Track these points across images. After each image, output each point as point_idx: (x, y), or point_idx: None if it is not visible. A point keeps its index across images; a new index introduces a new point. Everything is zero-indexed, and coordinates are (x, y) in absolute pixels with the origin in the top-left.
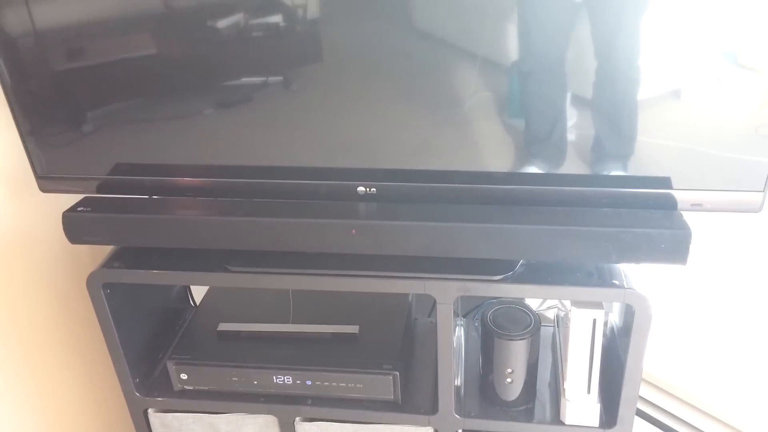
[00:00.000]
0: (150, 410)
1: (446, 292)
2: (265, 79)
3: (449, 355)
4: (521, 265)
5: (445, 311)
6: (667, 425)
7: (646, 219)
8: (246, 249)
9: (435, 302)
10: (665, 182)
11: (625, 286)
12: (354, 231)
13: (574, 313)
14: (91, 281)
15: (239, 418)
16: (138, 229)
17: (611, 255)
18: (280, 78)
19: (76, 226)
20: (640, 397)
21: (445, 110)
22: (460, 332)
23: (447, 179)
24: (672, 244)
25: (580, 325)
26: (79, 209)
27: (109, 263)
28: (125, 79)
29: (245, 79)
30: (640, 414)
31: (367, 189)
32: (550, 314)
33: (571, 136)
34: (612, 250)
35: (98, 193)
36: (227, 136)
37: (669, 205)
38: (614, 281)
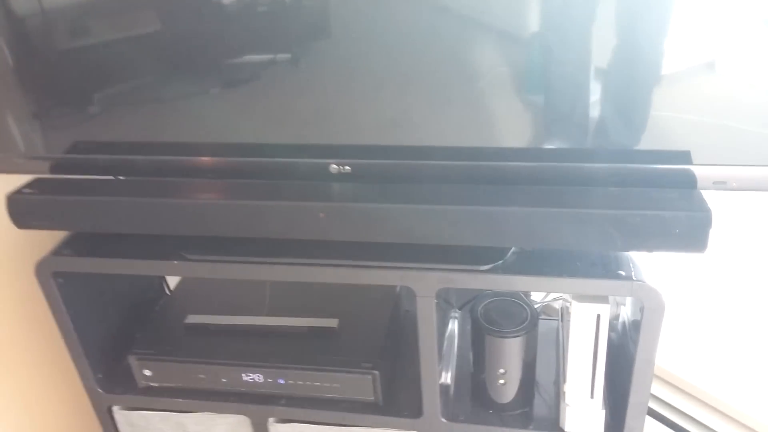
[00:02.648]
0: (115, 408)
1: (426, 283)
2: (227, 49)
3: (432, 353)
4: (513, 253)
5: (426, 305)
6: (678, 425)
7: (658, 200)
8: (205, 235)
9: (414, 295)
10: (683, 157)
11: (633, 278)
12: (322, 214)
13: (575, 308)
14: (41, 270)
15: (209, 418)
16: (86, 213)
17: (616, 242)
18: (243, 48)
19: (21, 210)
20: (651, 395)
21: (427, 79)
22: (453, 326)
23: (430, 156)
24: (689, 229)
25: (582, 321)
26: (24, 191)
27: (59, 251)
28: (79, 50)
29: (207, 53)
30: (650, 413)
31: (341, 167)
32: (557, 306)
33: (574, 107)
34: (617, 236)
35: (51, 173)
36: (186, 112)
37: (687, 183)
38: (620, 272)
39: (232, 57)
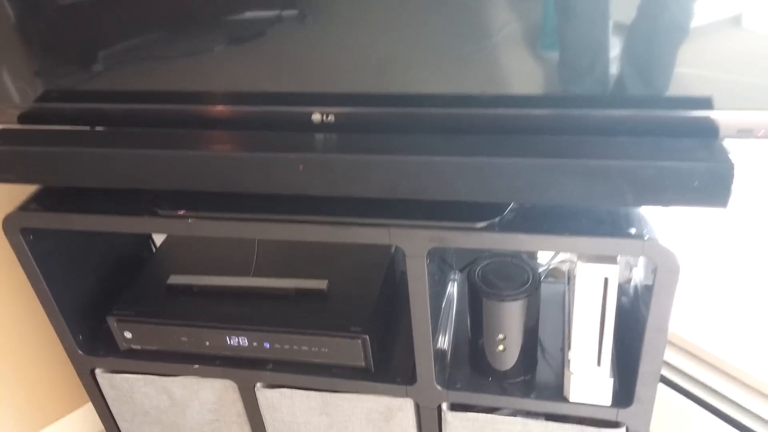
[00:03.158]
0: (97, 370)
1: (416, 242)
2: None
3: (424, 316)
4: (512, 209)
5: (416, 265)
6: (690, 392)
7: (674, 150)
8: (179, 189)
9: (403, 254)
10: (704, 101)
11: (645, 237)
12: (301, 167)
13: (581, 269)
14: (7, 226)
15: (195, 382)
16: (54, 165)
17: (627, 196)
18: None
19: None
20: (663, 362)
21: (416, 17)
22: (452, 289)
23: (421, 103)
24: (708, 182)
25: (589, 283)
26: None
27: (26, 205)
28: None
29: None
30: (662, 379)
31: (324, 116)
32: (565, 269)
33: (581, 46)
34: (628, 190)
35: (20, 123)
36: (161, 59)
37: (707, 131)
38: (631, 229)
39: (207, 1)
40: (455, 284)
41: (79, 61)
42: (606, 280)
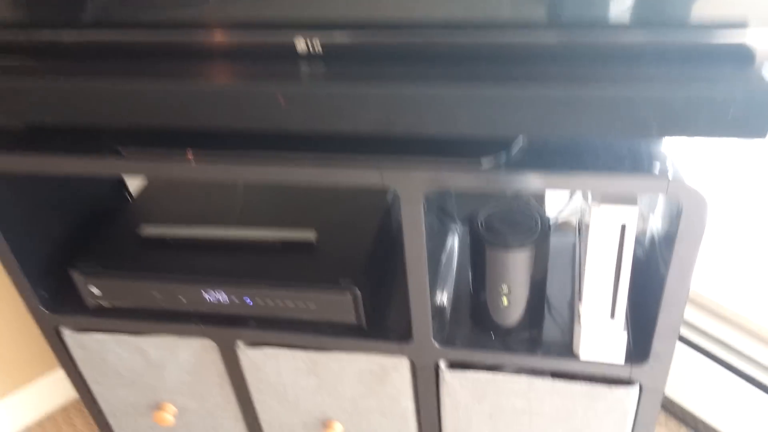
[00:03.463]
0: (64, 330)
1: (412, 184)
2: None
3: (420, 267)
4: (519, 146)
5: (412, 211)
6: (707, 350)
7: (705, 75)
8: (144, 126)
9: (398, 199)
10: (739, 20)
11: (670, 176)
12: (282, 99)
13: (596, 212)
14: None
15: (171, 342)
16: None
17: (651, 126)
18: None
19: None
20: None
21: None
22: (453, 241)
23: (422, 28)
24: (745, 110)
25: (604, 228)
26: None
27: None
28: None
29: None
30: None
31: (310, 43)
32: (575, 221)
33: None
34: (653, 119)
35: None
36: None
37: (743, 55)
38: (654, 168)
39: None
40: (456, 237)
41: None
42: (623, 227)
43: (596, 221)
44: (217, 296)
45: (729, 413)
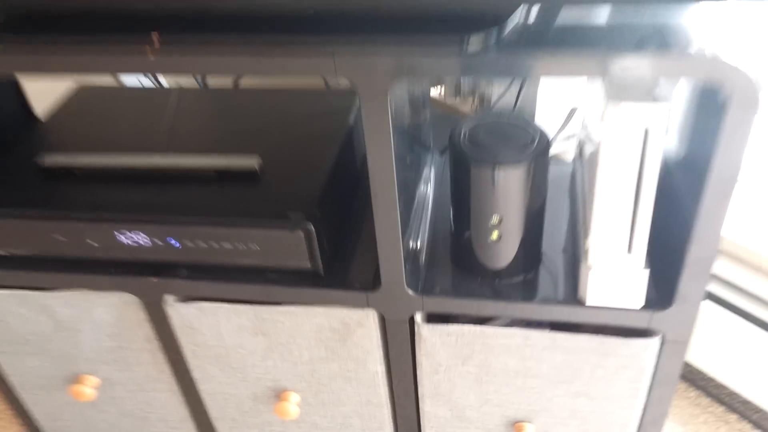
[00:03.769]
0: None
1: (375, 73)
2: None
3: (388, 191)
4: (514, 22)
5: (375, 112)
6: (739, 307)
7: None
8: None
9: (358, 99)
10: None
11: (710, 56)
12: None
13: (612, 114)
14: None
15: (84, 298)
16: None
17: None
18: None
19: None
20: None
21: None
22: (429, 174)
23: None
24: None
25: (622, 135)
26: None
27: None
28: None
29: None
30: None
31: None
32: (575, 144)
33: None
34: None
35: None
36: None
37: None
38: (688, 47)
39: None
40: (432, 170)
41: None
42: (647, 132)
43: (612, 125)
44: (135, 238)
45: None
